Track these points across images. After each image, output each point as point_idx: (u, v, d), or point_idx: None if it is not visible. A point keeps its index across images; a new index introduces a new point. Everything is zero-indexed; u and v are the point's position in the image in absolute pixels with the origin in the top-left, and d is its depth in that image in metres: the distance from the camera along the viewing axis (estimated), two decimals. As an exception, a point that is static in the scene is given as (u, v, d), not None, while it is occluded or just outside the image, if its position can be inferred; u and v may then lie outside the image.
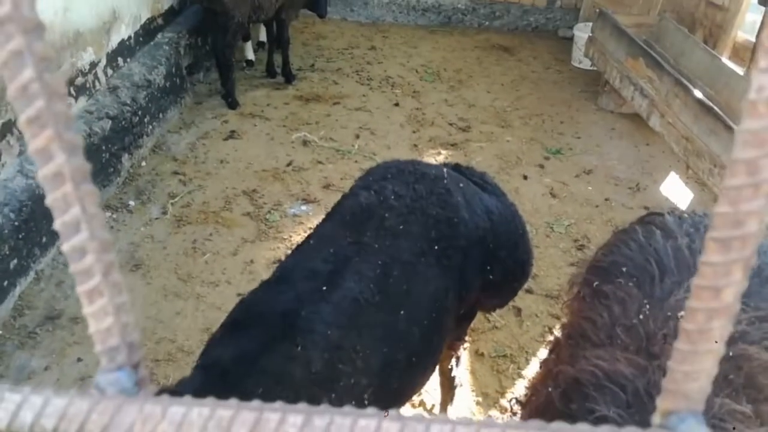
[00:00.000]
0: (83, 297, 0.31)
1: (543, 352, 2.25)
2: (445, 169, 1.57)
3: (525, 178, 3.53)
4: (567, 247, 2.99)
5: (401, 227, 1.40)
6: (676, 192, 3.48)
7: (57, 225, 0.30)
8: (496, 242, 1.53)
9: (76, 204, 0.29)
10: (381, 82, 4.73)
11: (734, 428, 0.85)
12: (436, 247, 1.40)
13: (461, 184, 1.55)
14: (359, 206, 1.44)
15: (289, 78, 4.47)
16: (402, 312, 1.32)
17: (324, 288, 1.26)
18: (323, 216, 2.99)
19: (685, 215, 1.39)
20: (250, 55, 4.72)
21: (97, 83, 2.99)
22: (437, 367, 1.81)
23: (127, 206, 2.97)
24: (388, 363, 1.29)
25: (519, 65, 5.23)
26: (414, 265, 1.37)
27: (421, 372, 1.45)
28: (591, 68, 4.70)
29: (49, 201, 0.29)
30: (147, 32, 3.57)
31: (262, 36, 4.87)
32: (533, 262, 1.74)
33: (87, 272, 0.31)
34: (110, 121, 2.90)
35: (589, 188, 3.46)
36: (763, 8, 3.50)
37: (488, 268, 1.51)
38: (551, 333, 2.39)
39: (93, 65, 2.95)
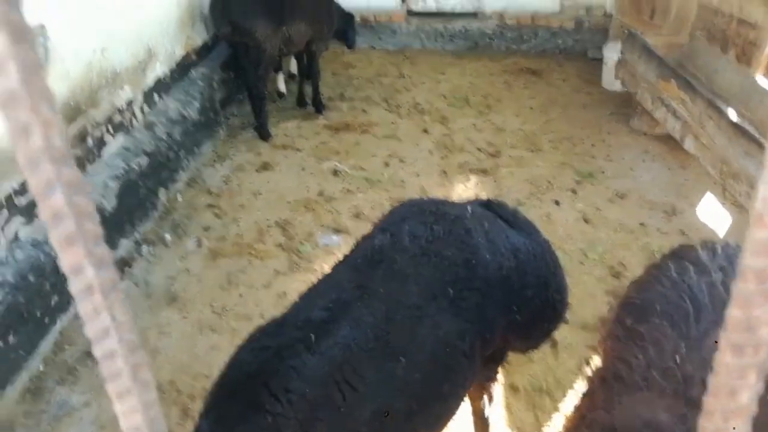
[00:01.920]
0: (114, 396, 0.33)
1: (580, 385, 2.21)
2: (468, 208, 1.56)
3: (557, 203, 3.50)
4: (602, 275, 2.94)
5: (412, 270, 1.38)
6: (713, 215, 3.40)
7: (88, 332, 0.31)
8: (523, 282, 1.50)
9: (106, 312, 0.31)
10: (409, 109, 4.77)
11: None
12: (450, 290, 1.38)
13: (485, 223, 1.54)
14: (372, 249, 1.44)
15: (319, 108, 4.54)
16: (403, 358, 1.27)
17: (313, 337, 1.23)
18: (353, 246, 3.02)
19: (718, 248, 1.36)
20: (282, 86, 4.81)
21: (134, 120, 3.08)
22: (470, 407, 1.78)
23: (163, 240, 3.04)
24: (382, 412, 1.25)
25: (548, 88, 5.21)
26: (422, 308, 1.33)
27: (432, 420, 1.40)
28: (622, 90, 4.66)
29: (80, 310, 0.31)
30: (181, 69, 3.67)
31: (293, 68, 4.97)
32: (567, 301, 1.71)
33: (117, 374, 0.32)
34: (147, 157, 2.99)
35: (624, 213, 3.41)
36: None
37: (514, 308, 1.48)
38: (588, 365, 2.35)
39: (130, 103, 3.05)
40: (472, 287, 1.40)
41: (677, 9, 4.62)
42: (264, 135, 4.07)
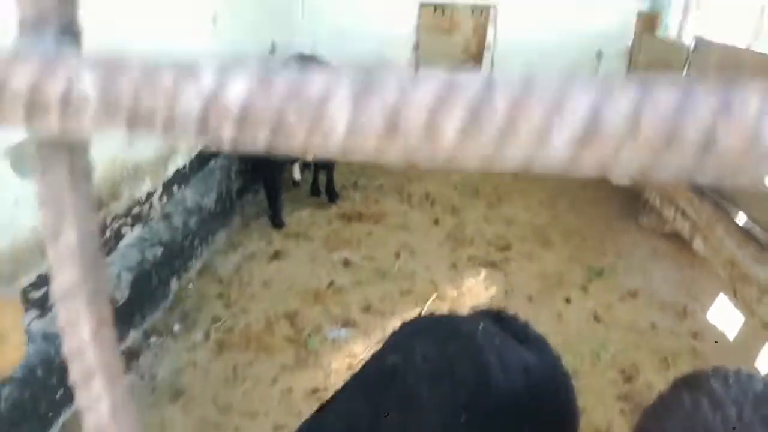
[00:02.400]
0: None
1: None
2: (480, 324, 1.57)
3: (567, 301, 3.49)
4: (614, 378, 2.89)
5: (425, 393, 1.37)
6: (724, 317, 3.36)
7: (86, 424, 0.31)
8: (534, 402, 1.49)
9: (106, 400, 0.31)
10: (421, 199, 4.85)
11: None
12: (463, 413, 1.37)
13: (497, 340, 1.54)
14: (384, 369, 1.43)
15: (332, 197, 4.63)
16: None
17: None
18: (362, 341, 3.00)
19: (730, 377, 1.35)
20: (297, 175, 4.93)
21: (152, 211, 3.16)
22: None
23: (171, 331, 3.04)
24: None
25: (556, 182, 5.30)
26: None
27: None
28: (630, 184, 4.73)
29: (78, 400, 0.31)
30: (201, 160, 3.79)
31: (309, 157, 5.10)
32: (579, 421, 1.68)
33: None
34: (162, 248, 3.04)
35: (635, 313, 3.39)
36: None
37: (525, 429, 1.46)
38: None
39: (150, 195, 3.13)
40: (485, 410, 1.39)
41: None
42: (277, 224, 4.14)
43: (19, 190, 2.04)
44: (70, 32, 0.25)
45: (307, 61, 4.85)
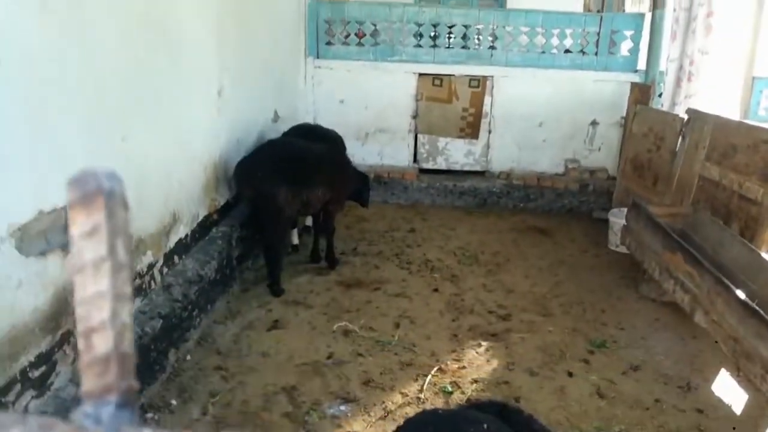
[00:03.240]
0: None
1: None
2: (485, 425, 1.55)
3: (570, 375, 3.44)
4: (619, 459, 2.83)
5: None
6: (729, 393, 3.32)
7: None
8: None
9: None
10: (420, 265, 4.86)
11: None
12: None
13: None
14: None
15: (332, 264, 4.63)
16: None
17: None
18: (362, 418, 2.95)
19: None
20: (296, 240, 4.96)
21: (152, 283, 3.15)
22: None
23: (168, 405, 2.98)
24: None
25: (556, 248, 5.33)
26: None
27: None
28: (628, 251, 4.75)
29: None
30: (202, 229, 3.81)
31: (309, 221, 5.14)
32: None
33: None
34: (161, 320, 3.02)
35: (638, 387, 3.34)
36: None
37: None
38: None
39: (151, 266, 3.13)
40: None
41: (679, 179, 4.84)
42: (276, 292, 4.13)
43: (23, 273, 2.04)
44: (127, 405, 0.27)
45: (312, 130, 4.96)
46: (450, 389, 3.26)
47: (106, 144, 2.71)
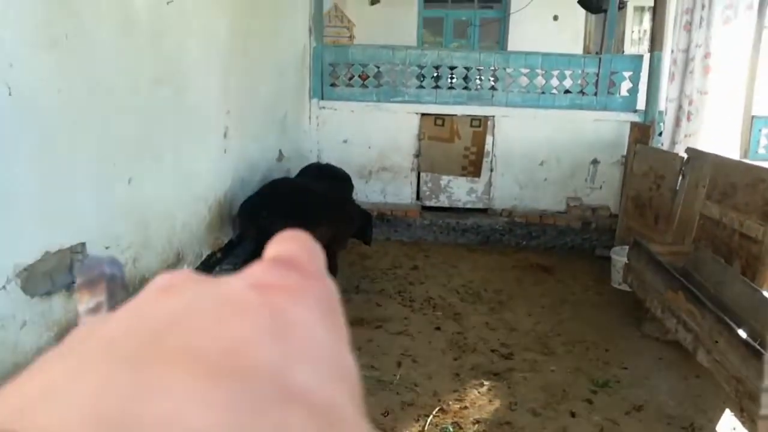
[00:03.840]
0: None
1: None
2: None
3: (573, 415, 3.42)
4: (623, 502, 2.79)
5: None
6: (735, 434, 3.29)
7: None
8: None
9: None
10: (422, 303, 4.86)
11: None
12: None
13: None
14: None
15: (334, 302, 4.64)
16: None
17: None
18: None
19: None
20: None
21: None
22: None
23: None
24: None
25: (558, 286, 5.33)
26: None
27: None
28: (631, 289, 4.75)
29: None
30: (206, 267, 3.85)
31: None
32: None
33: None
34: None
35: (642, 428, 3.31)
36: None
37: None
38: None
39: (153, 305, 3.16)
40: None
41: (680, 217, 4.86)
42: (279, 330, 4.13)
43: (28, 313, 2.08)
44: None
45: (324, 170, 5.04)
46: (452, 430, 3.24)
47: (113, 185, 2.77)
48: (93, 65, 2.58)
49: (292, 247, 0.28)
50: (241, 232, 4.15)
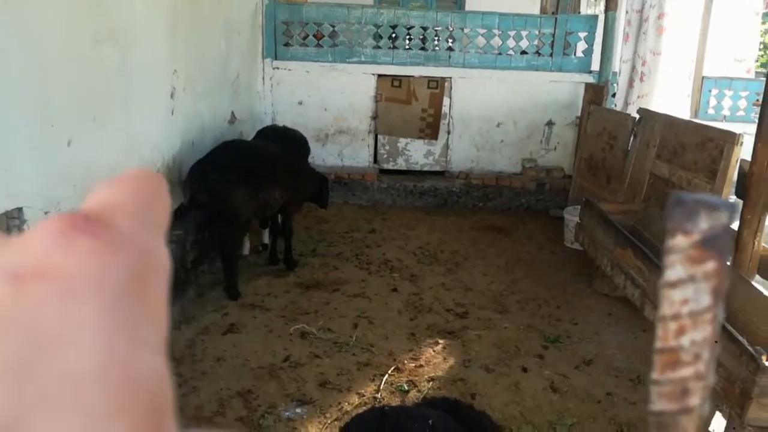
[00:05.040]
0: None
1: None
2: (430, 420, 1.55)
3: (524, 370, 3.49)
4: (570, 452, 2.88)
5: None
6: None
7: None
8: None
9: None
10: (380, 266, 4.87)
11: None
12: None
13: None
14: None
15: (290, 265, 4.61)
16: None
17: None
18: (317, 420, 2.94)
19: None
20: (266, 239, 4.94)
21: (101, 288, 3.08)
22: None
23: (119, 413, 2.92)
24: None
25: (513, 246, 5.40)
26: None
27: None
28: (583, 248, 4.85)
29: None
30: (155, 232, 3.75)
31: (265, 238, 5.09)
32: None
33: None
34: (111, 326, 2.95)
35: (590, 381, 3.41)
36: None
37: None
38: None
39: (99, 271, 3.06)
40: None
41: (631, 176, 4.95)
42: (233, 295, 4.08)
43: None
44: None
45: (279, 133, 4.93)
46: (406, 388, 3.28)
47: (52, 148, 2.65)
48: (26, 22, 2.43)
49: (118, 194, 0.22)
50: (191, 196, 4.05)
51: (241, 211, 3.94)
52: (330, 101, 6.24)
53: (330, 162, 6.33)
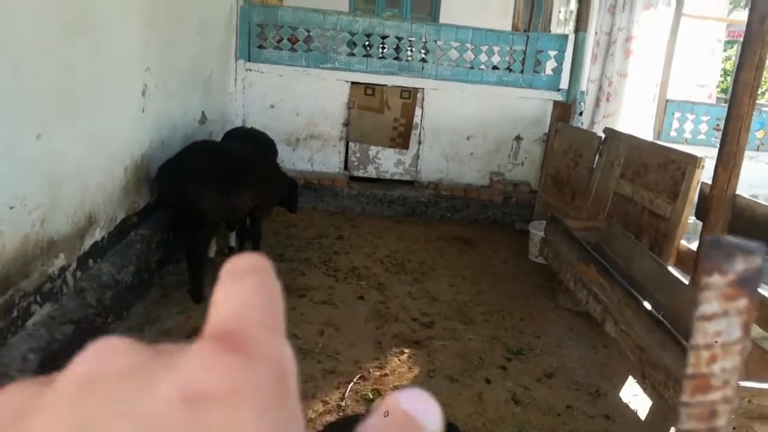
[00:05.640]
0: None
1: None
2: None
3: (488, 381, 3.54)
4: (531, 463, 2.93)
5: None
6: (635, 399, 3.51)
7: None
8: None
9: None
10: (347, 273, 4.87)
11: None
12: None
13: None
14: None
15: (257, 270, 4.56)
16: None
17: None
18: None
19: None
20: (233, 242, 4.89)
21: (64, 287, 3.01)
22: None
23: (77, 415, 2.85)
24: None
25: (479, 257, 5.47)
26: None
27: None
28: (547, 263, 4.94)
29: None
30: (120, 231, 3.68)
31: (232, 241, 5.04)
32: None
33: None
34: (73, 326, 2.89)
35: (551, 394, 3.47)
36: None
37: None
38: None
39: (63, 270, 3.00)
40: None
41: (595, 194, 5.08)
42: (197, 298, 4.03)
43: None
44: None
45: (247, 135, 4.89)
46: (371, 396, 3.28)
47: (19, 141, 2.58)
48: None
49: (242, 303, 0.25)
50: (160, 195, 3.98)
51: (211, 213, 3.89)
52: (302, 106, 6.23)
53: (300, 167, 6.31)
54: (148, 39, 3.84)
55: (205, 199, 3.81)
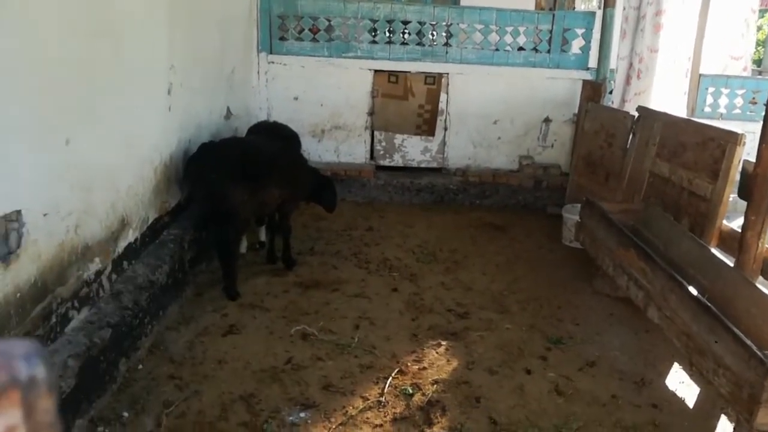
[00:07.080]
0: None
1: None
2: None
3: (528, 372, 3.47)
4: (579, 456, 2.86)
5: None
6: (682, 387, 3.41)
7: None
8: None
9: None
10: (379, 265, 4.82)
11: None
12: None
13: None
14: None
15: (289, 264, 4.55)
16: None
17: None
18: (322, 424, 2.89)
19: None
20: (263, 237, 4.88)
21: (101, 291, 3.01)
22: None
23: (120, 418, 2.86)
24: None
25: (512, 244, 5.38)
26: None
27: None
28: (583, 247, 4.83)
29: None
30: (153, 232, 3.68)
31: (262, 236, 5.02)
32: None
33: None
34: (111, 330, 2.89)
35: (595, 383, 3.39)
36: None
37: None
38: None
39: (98, 274, 2.99)
40: None
41: (630, 175, 4.94)
42: (232, 295, 4.02)
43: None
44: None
45: (270, 129, 4.86)
46: (411, 391, 3.24)
47: (50, 147, 2.56)
48: (22, 15, 2.34)
49: None
50: (189, 194, 3.97)
51: (240, 209, 3.87)
52: (326, 96, 6.17)
53: (326, 158, 6.26)
54: (171, 37, 3.80)
55: (235, 195, 3.79)
